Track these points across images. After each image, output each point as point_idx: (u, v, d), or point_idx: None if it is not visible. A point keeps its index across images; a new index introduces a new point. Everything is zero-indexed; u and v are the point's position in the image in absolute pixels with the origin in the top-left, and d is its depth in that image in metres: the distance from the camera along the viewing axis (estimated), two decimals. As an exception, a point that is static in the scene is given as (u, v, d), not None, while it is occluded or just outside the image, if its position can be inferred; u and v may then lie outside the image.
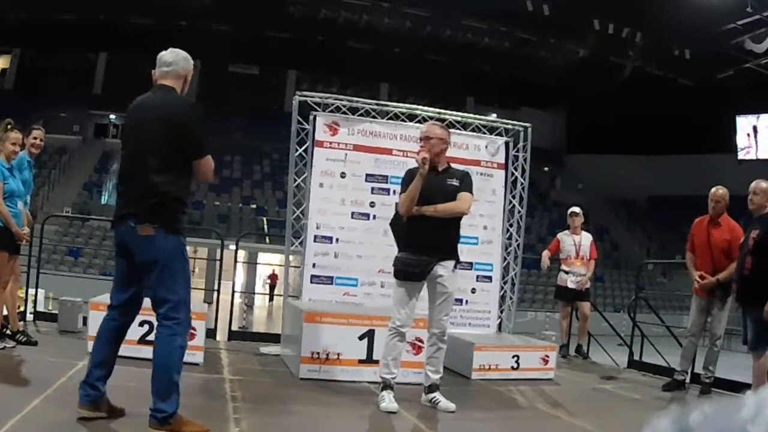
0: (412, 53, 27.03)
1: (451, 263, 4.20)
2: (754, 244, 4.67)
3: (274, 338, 6.38)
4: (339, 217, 5.92)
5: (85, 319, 5.39)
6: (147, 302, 3.25)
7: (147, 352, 4.79)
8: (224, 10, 24.92)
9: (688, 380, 5.61)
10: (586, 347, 7.57)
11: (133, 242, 3.10)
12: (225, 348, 6.03)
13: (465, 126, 6.39)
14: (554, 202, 28.67)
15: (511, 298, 6.50)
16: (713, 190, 5.42)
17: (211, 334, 6.20)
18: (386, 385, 4.12)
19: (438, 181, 4.18)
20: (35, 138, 5.10)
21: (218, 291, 7.53)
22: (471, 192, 4.26)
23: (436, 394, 4.22)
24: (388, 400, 4.07)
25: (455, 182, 4.23)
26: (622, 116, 28.07)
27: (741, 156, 29.23)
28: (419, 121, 6.23)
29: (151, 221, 3.04)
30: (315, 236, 5.87)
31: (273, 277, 25.60)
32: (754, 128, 28.99)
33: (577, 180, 31.33)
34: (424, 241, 4.11)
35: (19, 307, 5.53)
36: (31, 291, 6.57)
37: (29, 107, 24.17)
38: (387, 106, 6.32)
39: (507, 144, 6.49)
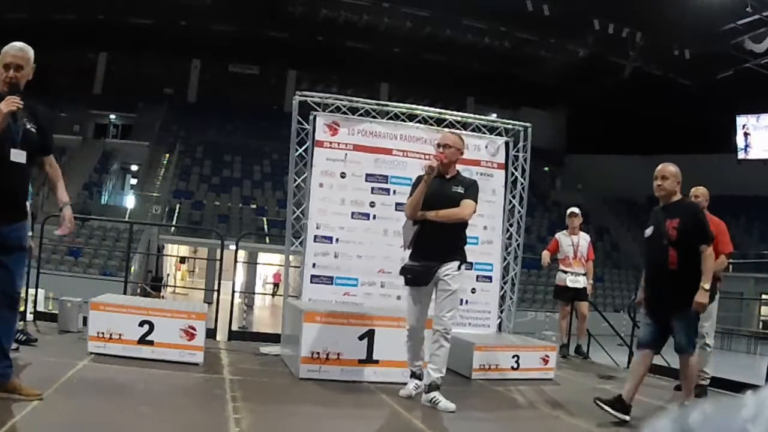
0: (412, 53, 27.05)
1: (455, 264, 4.32)
2: (678, 234, 4.15)
3: (274, 338, 6.38)
4: (339, 217, 5.92)
5: (85, 319, 5.38)
6: (146, 301, 3.25)
7: (147, 352, 4.82)
8: (224, 10, 24.93)
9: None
10: (585, 347, 7.57)
11: None
12: (225, 348, 6.03)
13: (465, 126, 6.39)
14: (554, 202, 28.67)
15: (511, 298, 6.50)
16: (693, 189, 5.45)
17: (211, 334, 6.20)
18: (413, 374, 4.46)
19: (444, 188, 4.35)
20: None
21: (218, 291, 7.53)
22: (475, 200, 4.41)
23: (436, 394, 4.24)
24: (407, 388, 4.43)
25: (460, 189, 4.38)
26: (622, 116, 28.08)
27: (741, 156, 29.25)
28: (419, 121, 6.24)
29: None
30: (315, 236, 5.87)
31: (276, 276, 25.72)
32: (743, 126, 29.04)
33: (577, 180, 31.33)
34: (428, 246, 4.30)
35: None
36: (31, 291, 6.57)
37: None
38: (387, 106, 6.32)
39: (507, 144, 6.49)
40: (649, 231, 4.37)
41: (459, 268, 4.34)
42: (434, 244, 4.27)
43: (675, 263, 4.13)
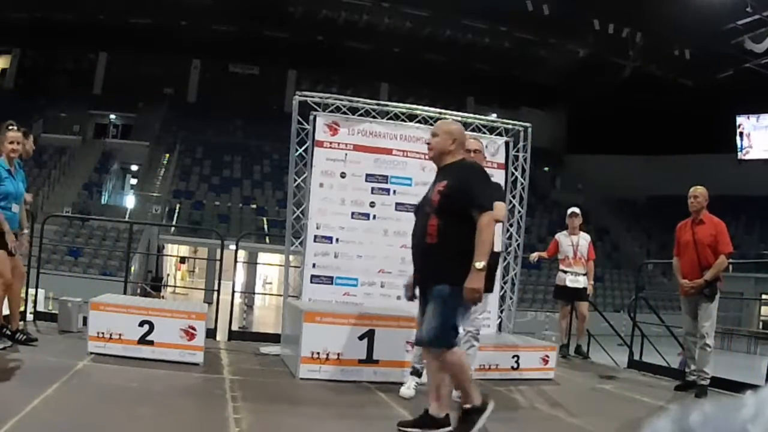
0: (412, 53, 27.05)
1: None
2: (440, 198, 3.36)
3: (274, 338, 6.38)
4: (339, 217, 5.92)
5: (85, 319, 5.38)
6: (146, 301, 3.25)
7: (147, 352, 4.82)
8: (224, 10, 24.93)
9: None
10: (585, 347, 7.57)
11: None
12: (225, 348, 6.04)
13: (465, 126, 6.37)
14: (554, 202, 28.66)
15: (511, 298, 6.50)
16: (692, 189, 5.46)
17: (211, 334, 6.20)
18: (414, 371, 4.46)
19: None
20: (11, 142, 4.80)
21: (218, 291, 7.53)
22: (504, 200, 4.61)
23: None
24: (406, 386, 4.40)
25: None
26: (622, 116, 28.08)
27: (741, 156, 29.25)
28: (419, 121, 6.24)
29: None
30: (315, 236, 5.88)
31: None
32: (743, 126, 29.05)
33: (577, 180, 31.32)
34: None
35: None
36: (31, 291, 6.57)
37: (29, 107, 24.20)
38: (387, 106, 6.32)
39: (507, 144, 6.49)
40: (420, 199, 3.61)
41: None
42: None
43: (434, 235, 3.32)
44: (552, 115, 32.28)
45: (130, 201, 25.92)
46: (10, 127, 4.84)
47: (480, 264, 3.18)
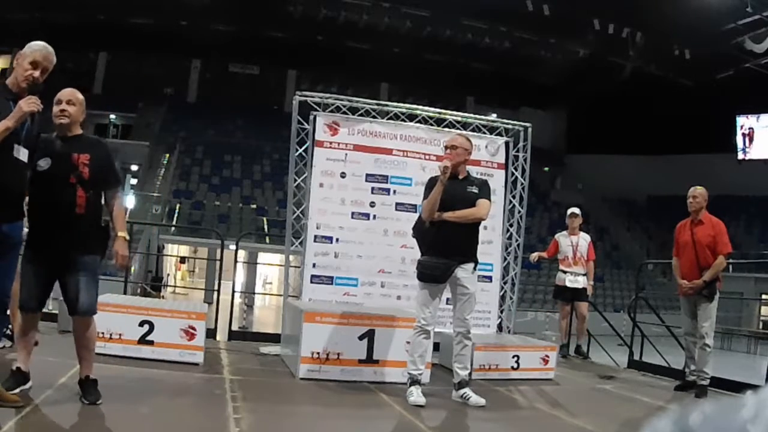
0: (412, 53, 27.04)
1: (470, 265, 4.42)
2: (91, 172, 3.50)
3: (274, 338, 6.38)
4: (339, 217, 5.92)
5: (85, 319, 5.37)
6: (146, 301, 3.25)
7: (147, 352, 4.82)
8: (224, 10, 24.92)
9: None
10: (585, 347, 7.58)
11: None
12: (225, 348, 6.04)
13: (465, 126, 6.40)
14: (554, 202, 28.66)
15: (511, 298, 6.51)
16: (691, 189, 5.46)
17: (211, 334, 6.20)
18: (414, 381, 4.34)
19: (459, 189, 4.40)
20: None
21: (218, 291, 7.53)
22: (489, 199, 4.51)
23: (467, 390, 4.38)
24: (416, 395, 4.25)
25: (475, 189, 4.46)
26: (622, 116, 28.08)
27: (741, 156, 29.25)
28: (419, 121, 6.25)
29: None
30: (315, 236, 5.88)
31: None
32: (743, 126, 29.05)
33: (577, 180, 31.33)
34: (446, 245, 4.34)
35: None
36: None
37: (29, 107, 24.13)
38: (387, 106, 6.33)
39: (507, 144, 6.49)
40: (45, 163, 3.49)
41: (474, 269, 4.45)
42: (453, 244, 4.35)
43: (83, 206, 3.47)
44: (552, 115, 32.28)
45: (130, 201, 25.90)
46: None
47: (127, 235, 3.72)
